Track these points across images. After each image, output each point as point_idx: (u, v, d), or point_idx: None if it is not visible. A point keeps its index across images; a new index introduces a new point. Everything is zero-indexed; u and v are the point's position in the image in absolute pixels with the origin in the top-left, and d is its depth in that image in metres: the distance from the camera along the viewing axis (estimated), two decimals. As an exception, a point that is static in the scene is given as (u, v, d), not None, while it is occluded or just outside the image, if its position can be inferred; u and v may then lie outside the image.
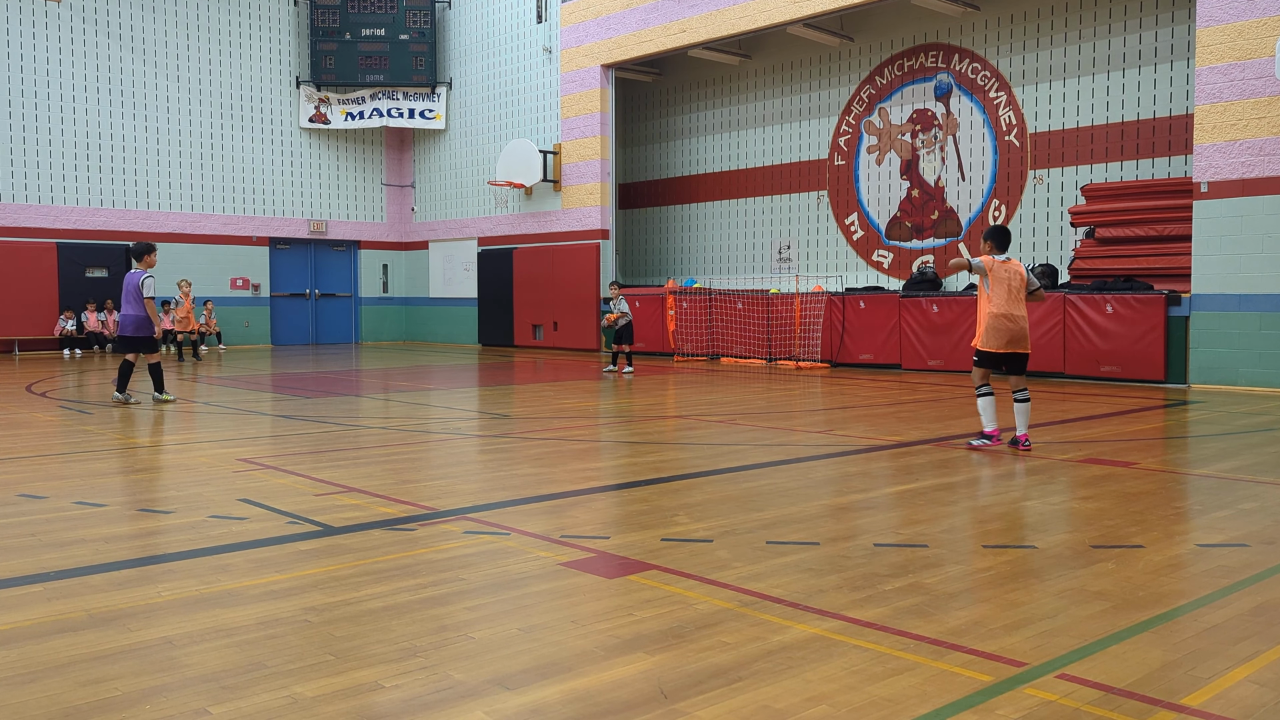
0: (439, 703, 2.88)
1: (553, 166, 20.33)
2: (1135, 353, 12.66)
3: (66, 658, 3.25)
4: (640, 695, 2.92)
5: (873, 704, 2.85)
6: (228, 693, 2.95)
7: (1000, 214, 15.87)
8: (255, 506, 5.59)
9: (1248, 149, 11.87)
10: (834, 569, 4.25)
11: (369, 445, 7.96)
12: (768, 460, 7.13)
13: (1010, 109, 15.68)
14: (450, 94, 23.05)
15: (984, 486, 6.15)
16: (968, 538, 4.87)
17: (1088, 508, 5.52)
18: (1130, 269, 13.50)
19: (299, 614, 3.69)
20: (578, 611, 3.71)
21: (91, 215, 20.30)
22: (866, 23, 17.29)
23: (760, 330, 16.86)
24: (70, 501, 5.76)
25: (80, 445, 7.92)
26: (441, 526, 5.11)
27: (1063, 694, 2.91)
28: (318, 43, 22.48)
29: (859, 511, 5.48)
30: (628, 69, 20.02)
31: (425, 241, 24.23)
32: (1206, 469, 6.71)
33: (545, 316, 20.76)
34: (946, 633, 3.44)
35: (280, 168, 22.73)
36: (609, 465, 7.12)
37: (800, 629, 3.49)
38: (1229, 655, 3.23)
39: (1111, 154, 14.68)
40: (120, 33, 20.58)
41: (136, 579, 4.17)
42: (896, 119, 17.09)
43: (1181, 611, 3.69)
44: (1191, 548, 4.64)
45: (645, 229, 21.82)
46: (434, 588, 4.01)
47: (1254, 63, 11.78)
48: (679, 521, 5.16)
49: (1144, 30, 14.32)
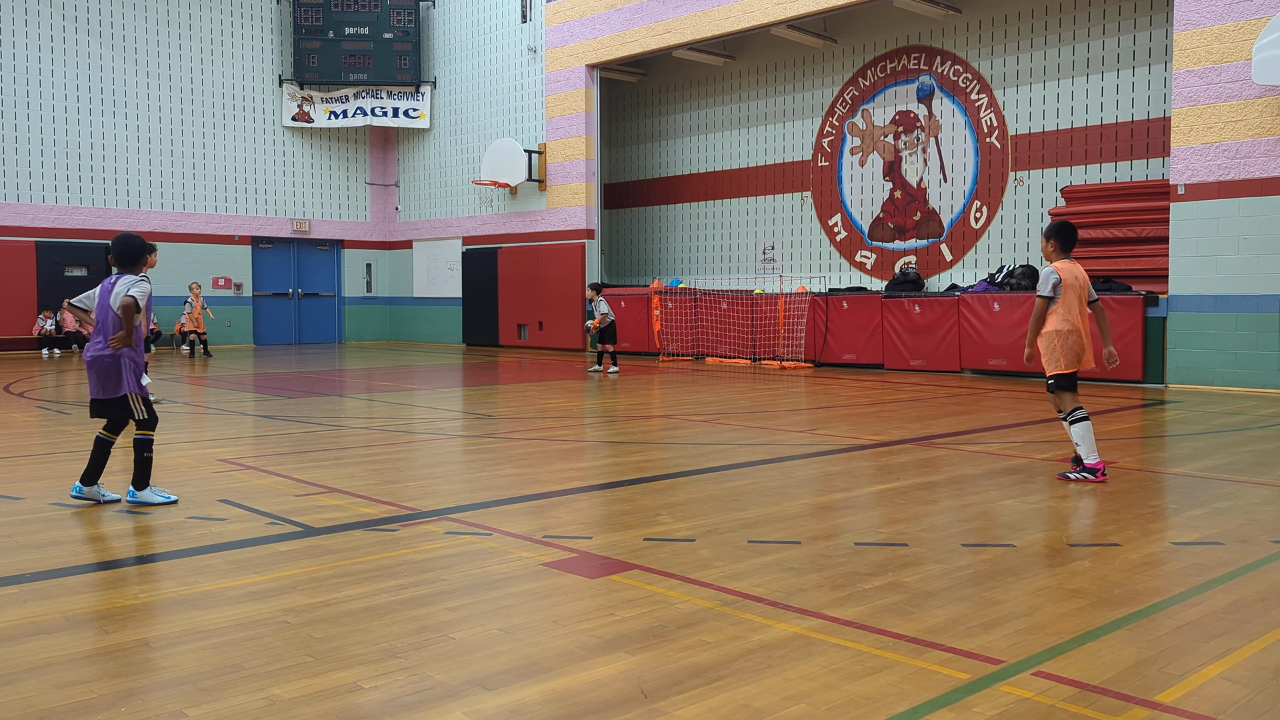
0: (419, 703, 2.87)
1: (538, 166, 20.30)
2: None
3: (42, 660, 3.23)
4: (620, 695, 2.93)
5: (851, 702, 2.87)
6: (205, 695, 2.94)
7: (982, 215, 15.97)
8: (235, 507, 5.56)
9: (1224, 152, 12.00)
10: (815, 568, 4.27)
11: (351, 446, 7.93)
12: (750, 460, 7.15)
13: (991, 111, 15.79)
14: (435, 93, 22.98)
15: (964, 486, 6.19)
16: (947, 536, 4.90)
17: (1065, 506, 5.57)
18: (1109, 270, 13.62)
19: (278, 615, 3.68)
20: (559, 612, 3.72)
21: (71, 214, 20.11)
22: (850, 25, 17.36)
23: (745, 330, 16.89)
24: (47, 502, 5.71)
25: (58, 446, 7.85)
26: (423, 527, 5.10)
27: (1039, 691, 2.94)
28: (301, 41, 22.36)
29: (840, 511, 5.51)
30: (613, 69, 20.02)
31: (409, 241, 24.14)
32: (1182, 468, 6.78)
33: (530, 316, 20.72)
34: (925, 631, 3.47)
35: (263, 166, 22.59)
36: (592, 465, 7.13)
37: (781, 628, 3.50)
38: (1203, 652, 3.27)
39: (1091, 156, 14.80)
40: (101, 30, 20.40)
41: (114, 580, 4.14)
42: (879, 120, 17.17)
43: (1156, 609, 3.73)
44: (1167, 546, 4.69)
45: (630, 229, 21.83)
46: (415, 588, 4.00)
47: (1230, 66, 11.90)
48: (661, 521, 5.17)
49: (1123, 34, 14.45)
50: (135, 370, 5.64)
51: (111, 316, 5.58)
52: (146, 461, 5.63)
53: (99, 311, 5.68)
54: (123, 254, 5.71)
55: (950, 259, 16.37)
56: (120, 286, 5.58)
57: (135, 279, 5.60)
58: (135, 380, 5.63)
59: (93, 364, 5.59)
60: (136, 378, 5.65)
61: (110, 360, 5.55)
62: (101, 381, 5.59)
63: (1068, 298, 6.24)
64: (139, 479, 5.62)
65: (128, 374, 5.59)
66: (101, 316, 5.65)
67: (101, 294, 5.70)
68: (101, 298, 5.69)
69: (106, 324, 5.61)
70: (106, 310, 5.63)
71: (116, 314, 5.52)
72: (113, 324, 5.57)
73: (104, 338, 5.59)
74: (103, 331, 5.62)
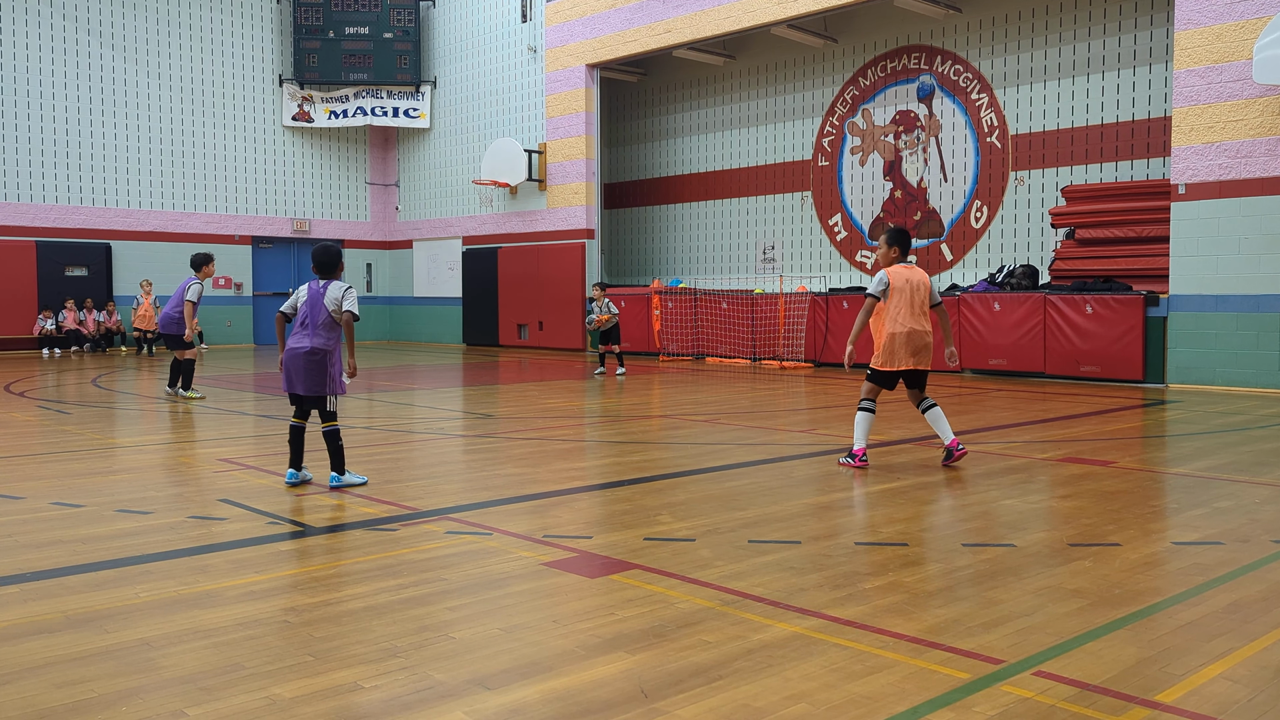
0: (419, 703, 2.87)
1: (538, 166, 20.30)
2: (1114, 353, 12.77)
3: (43, 659, 3.23)
4: (621, 694, 2.93)
5: (851, 702, 2.87)
6: (205, 694, 2.94)
7: (982, 215, 15.96)
8: (235, 507, 5.56)
9: (1225, 151, 12.00)
10: (815, 568, 4.27)
11: (351, 445, 7.92)
12: (751, 459, 7.15)
13: (992, 110, 15.78)
14: (435, 93, 22.97)
15: (964, 485, 6.19)
16: (947, 536, 4.90)
17: (1066, 506, 5.57)
18: (1109, 270, 13.62)
19: (278, 615, 3.68)
20: (559, 611, 3.71)
21: (71, 214, 20.10)
22: (850, 24, 17.36)
23: (745, 330, 16.89)
24: (48, 502, 5.71)
25: (58, 445, 7.85)
26: (423, 527, 5.10)
27: (1039, 691, 2.94)
28: (301, 41, 22.35)
29: (840, 510, 5.50)
30: (613, 69, 20.01)
31: (409, 241, 24.14)
32: (1183, 468, 6.78)
33: (530, 316, 20.72)
34: (925, 631, 3.47)
35: (263, 166, 22.59)
36: (593, 465, 7.12)
37: (781, 628, 3.50)
38: (1203, 652, 3.26)
39: (1091, 156, 14.80)
40: (101, 29, 20.40)
41: (114, 580, 4.14)
42: (879, 120, 17.17)
43: (1157, 609, 3.73)
44: (1167, 546, 4.69)
45: (630, 229, 21.82)
46: (415, 588, 4.00)
47: (1232, 65, 11.90)
48: (662, 521, 5.17)
49: (1124, 33, 14.44)
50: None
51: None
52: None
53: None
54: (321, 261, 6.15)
55: (950, 259, 16.37)
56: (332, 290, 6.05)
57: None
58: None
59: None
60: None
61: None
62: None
63: (898, 301, 6.68)
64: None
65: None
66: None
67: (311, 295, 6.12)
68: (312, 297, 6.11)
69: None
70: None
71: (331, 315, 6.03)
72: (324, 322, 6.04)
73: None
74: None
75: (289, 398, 6.16)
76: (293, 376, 6.04)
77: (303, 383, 6.01)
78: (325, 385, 6.02)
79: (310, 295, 6.09)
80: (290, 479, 6.12)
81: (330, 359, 6.02)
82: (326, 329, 6.00)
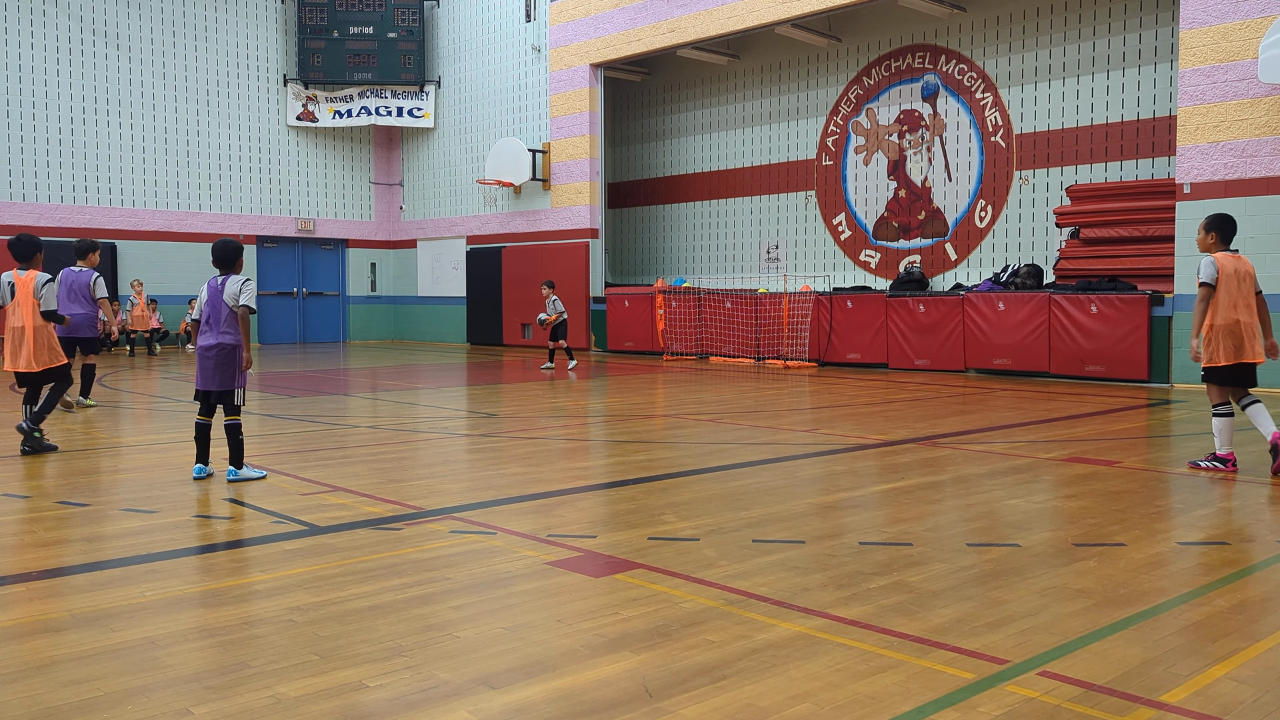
0: (423, 702, 2.88)
1: (541, 165, 20.30)
2: (1119, 352, 12.74)
3: (49, 658, 3.24)
4: (625, 694, 2.93)
5: (856, 701, 2.87)
6: (211, 693, 2.95)
7: (987, 214, 15.94)
8: (240, 506, 5.57)
9: (1230, 150, 11.97)
10: (819, 567, 4.27)
11: (356, 445, 7.94)
12: (755, 459, 7.15)
13: (996, 110, 15.75)
14: (439, 92, 22.99)
15: (968, 485, 6.18)
16: (952, 536, 4.89)
17: (1071, 506, 5.56)
18: (1114, 269, 13.59)
19: (283, 614, 3.68)
20: (563, 610, 3.72)
21: (76, 213, 20.15)
22: (854, 23, 17.34)
23: (749, 329, 16.88)
24: (53, 501, 5.73)
25: (62, 444, 7.86)
26: (428, 526, 5.10)
27: (1044, 691, 2.94)
28: (305, 40, 22.38)
29: (845, 510, 5.50)
30: (617, 68, 20.01)
31: (413, 240, 24.16)
32: (1188, 468, 6.76)
33: (534, 315, 20.70)
34: (930, 630, 3.46)
35: (267, 166, 22.62)
36: (596, 464, 7.13)
37: (785, 627, 3.50)
38: (1208, 653, 3.26)
39: (1096, 155, 14.77)
40: (106, 29, 20.44)
41: (120, 579, 4.15)
42: (884, 119, 17.15)
43: (1162, 609, 3.73)
44: (1172, 546, 4.68)
45: (634, 228, 21.82)
46: (419, 587, 4.00)
47: (1237, 65, 11.87)
48: (666, 520, 5.17)
49: (1128, 32, 14.41)
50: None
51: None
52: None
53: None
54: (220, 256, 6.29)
55: (955, 258, 16.35)
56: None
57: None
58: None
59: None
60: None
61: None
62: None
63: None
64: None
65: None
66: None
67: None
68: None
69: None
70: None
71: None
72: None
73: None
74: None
75: (194, 394, 6.35)
76: (203, 374, 6.24)
77: (213, 379, 6.21)
78: (233, 379, 6.23)
79: (210, 293, 6.22)
80: (198, 473, 6.29)
81: (236, 354, 6.21)
82: (229, 324, 6.17)
